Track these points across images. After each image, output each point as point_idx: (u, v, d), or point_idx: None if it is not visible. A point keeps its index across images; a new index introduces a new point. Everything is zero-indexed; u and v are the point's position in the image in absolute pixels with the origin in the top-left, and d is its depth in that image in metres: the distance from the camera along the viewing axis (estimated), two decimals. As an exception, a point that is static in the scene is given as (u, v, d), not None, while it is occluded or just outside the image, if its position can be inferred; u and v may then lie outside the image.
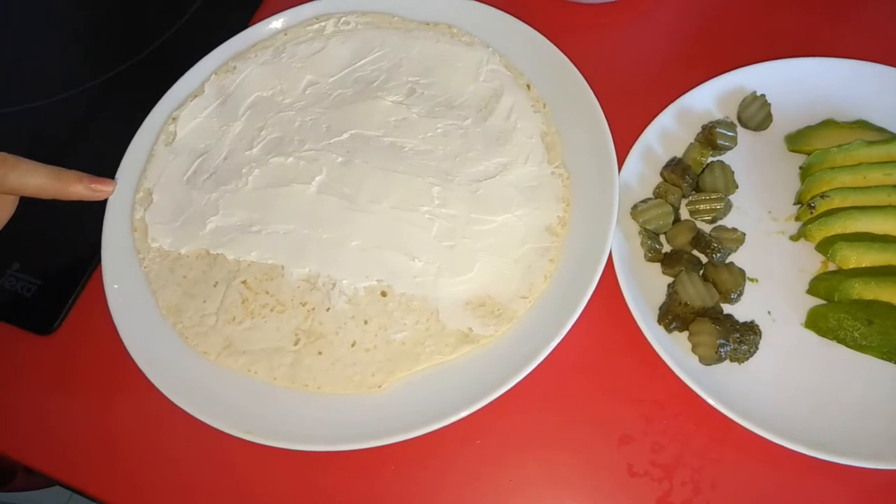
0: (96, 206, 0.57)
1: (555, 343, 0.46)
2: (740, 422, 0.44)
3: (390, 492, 0.48)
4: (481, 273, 0.51)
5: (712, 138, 0.54)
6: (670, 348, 0.47)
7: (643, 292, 0.50)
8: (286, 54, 0.63)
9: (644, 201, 0.52)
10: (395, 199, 0.54)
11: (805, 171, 0.53)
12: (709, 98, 0.56)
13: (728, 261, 0.51)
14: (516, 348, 0.48)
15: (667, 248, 0.52)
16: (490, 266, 0.51)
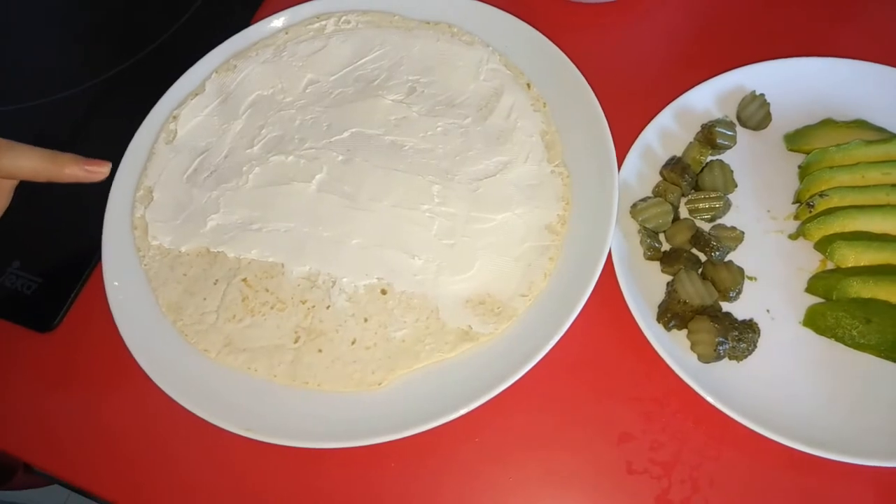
0: (96, 204, 0.57)
1: (554, 341, 0.46)
2: (739, 419, 0.44)
3: (390, 489, 0.48)
4: (481, 271, 0.51)
5: (711, 137, 0.54)
6: (669, 346, 0.47)
7: (642, 290, 0.50)
8: (287, 53, 0.63)
9: (643, 200, 0.53)
10: (395, 197, 0.54)
11: (804, 171, 0.53)
12: (708, 97, 0.56)
13: (727, 259, 0.51)
14: (516, 346, 0.48)
15: (666, 246, 0.52)
16: (490, 264, 0.51)
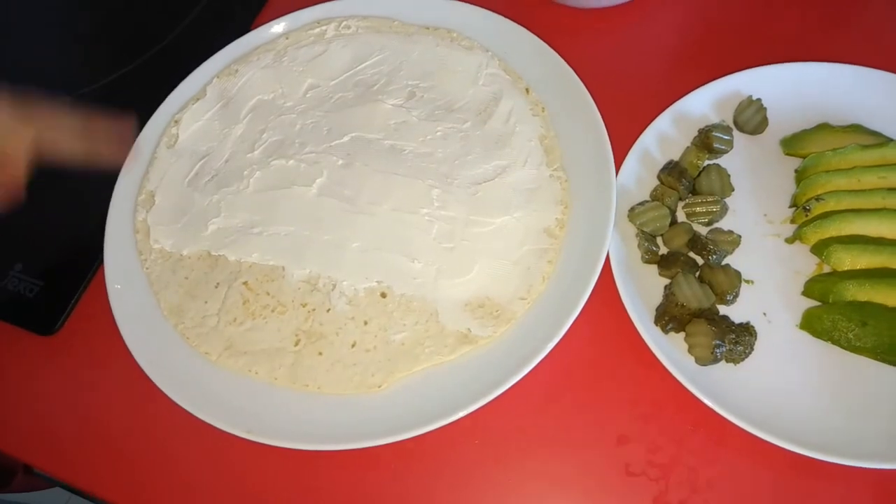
0: (99, 207, 0.57)
1: (553, 344, 0.46)
2: (736, 422, 0.45)
3: (389, 491, 0.48)
4: (480, 274, 0.52)
5: (708, 142, 0.54)
6: (667, 349, 0.48)
7: (640, 294, 0.50)
8: (287, 58, 0.63)
9: (641, 204, 0.53)
10: (394, 201, 0.54)
11: (800, 175, 0.54)
12: (705, 102, 0.57)
13: (724, 262, 0.51)
14: (515, 349, 0.48)
15: (663, 250, 0.53)
16: (489, 268, 0.52)
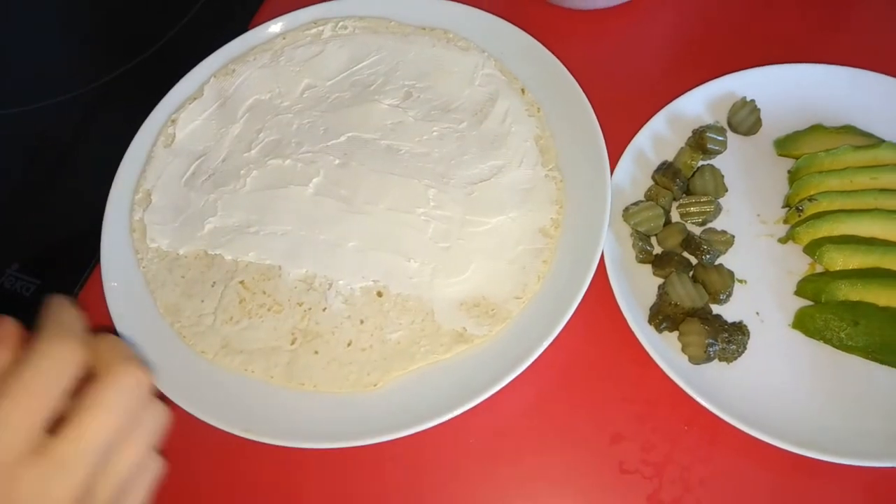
0: (95, 206, 0.57)
1: (547, 343, 0.47)
2: (729, 420, 0.45)
3: (385, 488, 0.48)
4: (476, 274, 0.52)
5: (702, 142, 0.54)
6: (661, 348, 0.48)
7: (634, 293, 0.51)
8: (284, 58, 0.63)
9: (636, 204, 0.53)
10: (391, 200, 0.55)
11: (793, 175, 0.54)
12: (699, 103, 0.57)
13: (717, 262, 0.52)
14: (510, 348, 0.48)
15: (658, 249, 0.53)
16: (484, 267, 0.52)
